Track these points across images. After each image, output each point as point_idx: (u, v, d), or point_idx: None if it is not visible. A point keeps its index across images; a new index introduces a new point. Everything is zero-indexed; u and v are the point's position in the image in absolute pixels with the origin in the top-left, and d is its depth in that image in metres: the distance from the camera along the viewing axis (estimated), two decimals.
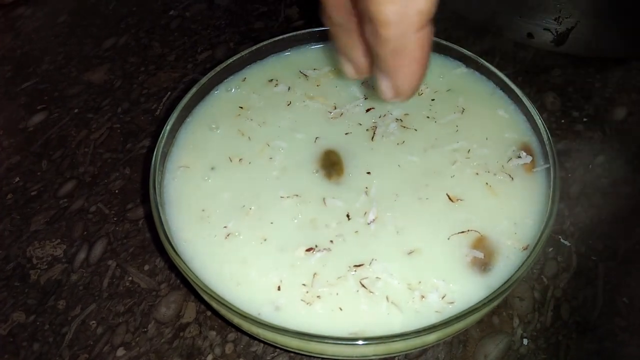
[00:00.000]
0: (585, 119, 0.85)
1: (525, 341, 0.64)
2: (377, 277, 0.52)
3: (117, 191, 0.80)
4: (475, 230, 0.55)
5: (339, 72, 0.69)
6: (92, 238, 0.75)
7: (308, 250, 0.54)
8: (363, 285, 0.52)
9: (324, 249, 0.54)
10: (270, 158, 0.61)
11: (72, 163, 0.84)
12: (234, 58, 0.68)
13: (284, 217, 0.56)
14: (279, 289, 0.52)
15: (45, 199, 0.80)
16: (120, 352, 0.65)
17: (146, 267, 0.72)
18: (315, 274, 0.52)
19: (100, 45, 1.03)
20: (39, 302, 0.70)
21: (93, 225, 0.77)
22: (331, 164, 0.60)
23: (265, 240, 0.55)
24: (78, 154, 0.85)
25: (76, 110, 0.92)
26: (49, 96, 0.95)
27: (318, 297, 0.51)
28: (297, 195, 0.58)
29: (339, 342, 0.49)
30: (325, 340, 0.48)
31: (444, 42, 0.69)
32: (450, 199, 0.57)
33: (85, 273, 0.72)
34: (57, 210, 0.79)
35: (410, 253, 0.53)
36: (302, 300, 0.51)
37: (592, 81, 0.90)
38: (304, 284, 0.52)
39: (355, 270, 0.53)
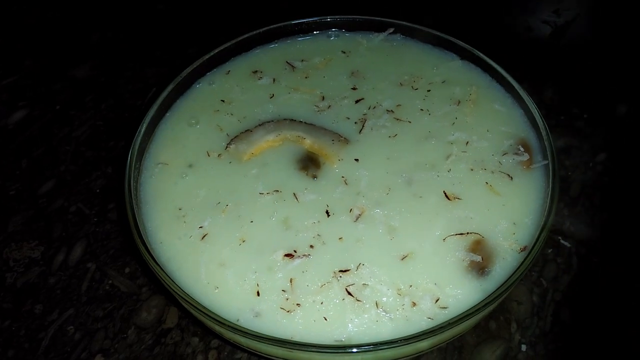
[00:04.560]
0: (585, 115, 0.83)
1: (523, 347, 0.61)
2: (364, 284, 0.49)
3: (98, 190, 0.77)
4: (475, 232, 0.51)
5: (327, 62, 0.66)
6: (72, 239, 0.72)
7: (287, 255, 0.51)
8: (349, 293, 0.48)
9: (304, 255, 0.51)
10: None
11: (52, 161, 0.81)
12: (218, 50, 0.65)
13: (262, 216, 0.53)
14: (257, 294, 0.49)
15: (23, 199, 0.77)
16: (99, 359, 0.62)
17: (127, 270, 0.69)
18: (292, 279, 0.49)
19: (85, 40, 1.00)
20: (15, 306, 0.66)
21: (73, 226, 0.73)
22: (309, 159, 0.57)
23: (243, 241, 0.52)
24: (59, 152, 0.82)
25: (58, 107, 0.89)
26: (31, 92, 0.92)
27: (298, 304, 0.48)
28: (277, 191, 0.55)
29: (326, 350, 0.45)
30: (311, 349, 0.45)
31: (438, 34, 0.66)
32: (447, 196, 0.54)
33: (63, 276, 0.69)
34: (35, 211, 0.75)
35: (403, 257, 0.50)
36: (282, 308, 0.48)
37: (593, 76, 0.88)
38: (283, 290, 0.49)
39: (340, 276, 0.49)
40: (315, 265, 0.50)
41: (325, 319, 0.48)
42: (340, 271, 0.50)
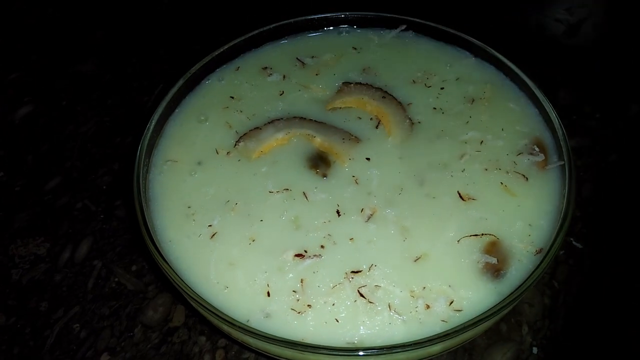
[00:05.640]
0: (598, 115, 0.81)
1: (534, 350, 0.60)
2: (376, 285, 0.48)
3: (104, 187, 0.76)
4: (490, 234, 0.50)
5: (338, 59, 0.65)
6: (78, 236, 0.71)
7: (297, 255, 0.50)
8: (361, 295, 0.48)
9: (315, 255, 0.50)
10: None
11: (58, 157, 0.80)
12: (227, 46, 0.65)
13: (272, 215, 0.52)
14: (268, 294, 0.48)
15: (29, 195, 0.76)
16: (105, 357, 0.61)
17: (133, 268, 0.68)
18: (303, 279, 0.49)
19: (90, 36, 0.99)
20: (20, 303, 0.66)
21: (79, 222, 0.73)
22: (320, 157, 0.56)
23: (253, 240, 0.51)
24: (65, 149, 0.81)
25: (64, 103, 0.88)
26: (37, 88, 0.91)
27: (309, 306, 0.47)
28: (286, 190, 0.54)
29: (337, 352, 0.45)
30: (322, 351, 0.44)
31: (452, 31, 0.65)
32: (461, 197, 0.53)
33: (69, 273, 0.68)
34: (41, 207, 0.75)
35: (416, 259, 0.49)
36: (292, 309, 0.47)
37: (606, 75, 0.86)
38: (294, 291, 0.48)
39: (352, 277, 0.48)
40: (327, 266, 0.49)
41: (337, 321, 0.47)
42: (352, 272, 0.49)
